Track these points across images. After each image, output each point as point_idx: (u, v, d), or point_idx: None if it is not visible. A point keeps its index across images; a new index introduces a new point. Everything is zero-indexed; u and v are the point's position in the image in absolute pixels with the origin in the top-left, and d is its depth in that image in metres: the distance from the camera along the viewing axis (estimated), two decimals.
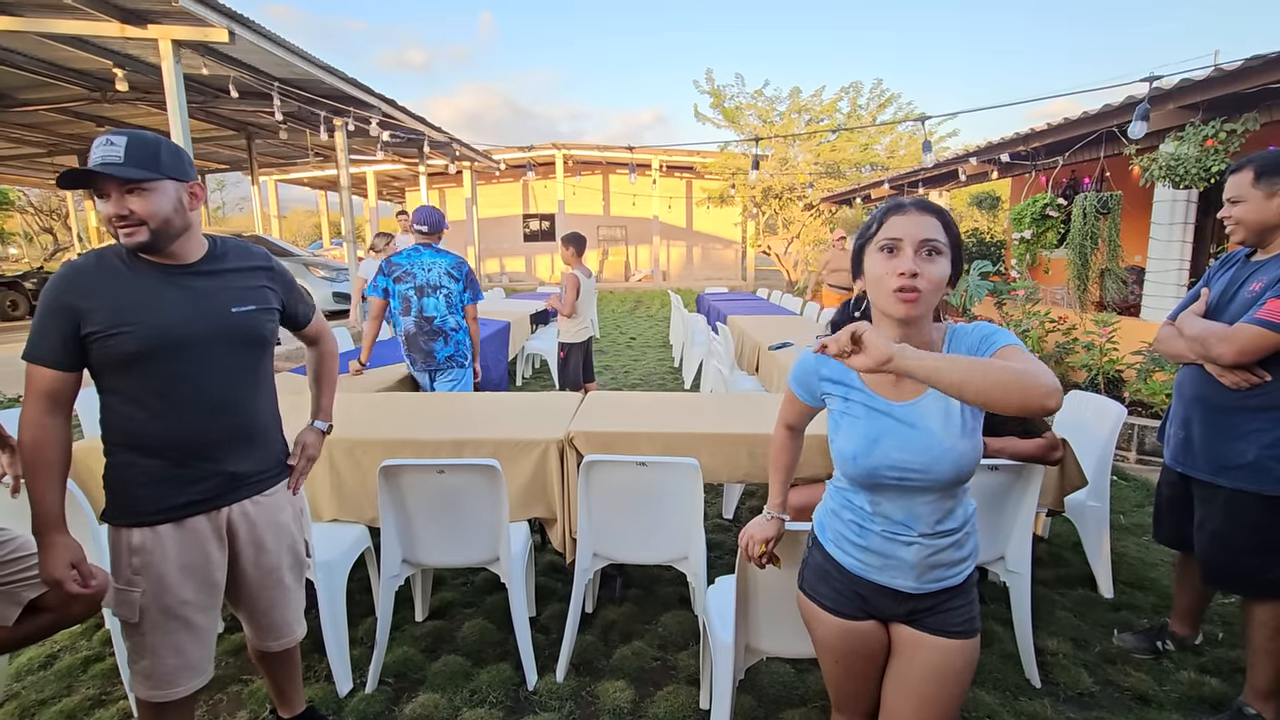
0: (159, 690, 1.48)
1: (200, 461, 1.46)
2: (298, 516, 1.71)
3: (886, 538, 1.22)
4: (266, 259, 1.63)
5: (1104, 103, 5.60)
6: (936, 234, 1.13)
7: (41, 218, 19.83)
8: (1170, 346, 2.01)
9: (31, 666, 2.25)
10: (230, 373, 1.49)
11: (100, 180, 1.33)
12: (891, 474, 1.17)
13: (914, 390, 1.18)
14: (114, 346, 1.36)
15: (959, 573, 1.23)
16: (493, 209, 20.31)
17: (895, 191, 11.32)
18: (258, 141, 11.94)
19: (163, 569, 1.44)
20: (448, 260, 3.52)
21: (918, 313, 1.13)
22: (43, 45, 6.39)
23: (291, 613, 1.70)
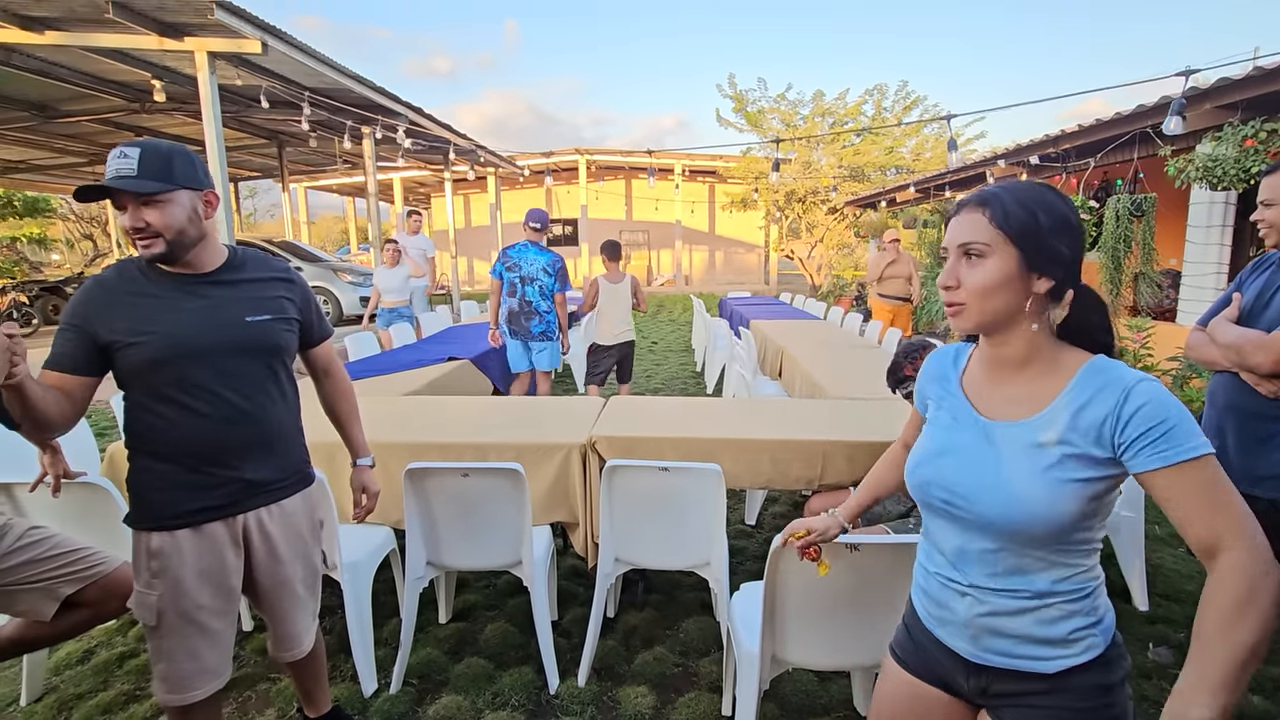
0: (175, 694, 1.49)
1: (217, 468, 1.47)
2: (315, 529, 1.70)
3: (942, 581, 1.05)
4: (286, 271, 1.63)
5: (1138, 103, 5.47)
6: (977, 234, 0.94)
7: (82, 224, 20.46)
8: (1202, 353, 1.95)
9: (70, 661, 2.31)
10: (247, 381, 1.50)
11: (116, 193, 1.34)
12: (939, 495, 1.01)
13: (1016, 408, 0.97)
14: (133, 355, 1.39)
15: (1047, 659, 0.96)
16: (516, 214, 20.45)
17: (920, 195, 11.17)
18: (288, 149, 12.20)
19: (180, 573, 1.45)
20: (546, 258, 4.45)
21: (965, 327, 0.97)
22: (85, 58, 6.60)
23: (302, 624, 1.69)
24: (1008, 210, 0.93)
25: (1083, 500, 0.91)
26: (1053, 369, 0.96)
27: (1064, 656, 0.96)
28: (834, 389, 3.48)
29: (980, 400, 1.03)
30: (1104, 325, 0.98)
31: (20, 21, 5.56)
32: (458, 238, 14.18)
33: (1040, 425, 0.94)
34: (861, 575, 1.57)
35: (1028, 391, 0.97)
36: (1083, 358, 0.96)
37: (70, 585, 1.69)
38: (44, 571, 1.66)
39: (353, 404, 1.85)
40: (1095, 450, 0.89)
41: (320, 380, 1.81)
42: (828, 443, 2.47)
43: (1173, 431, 0.85)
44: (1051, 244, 0.92)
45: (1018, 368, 0.98)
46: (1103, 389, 0.90)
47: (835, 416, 2.82)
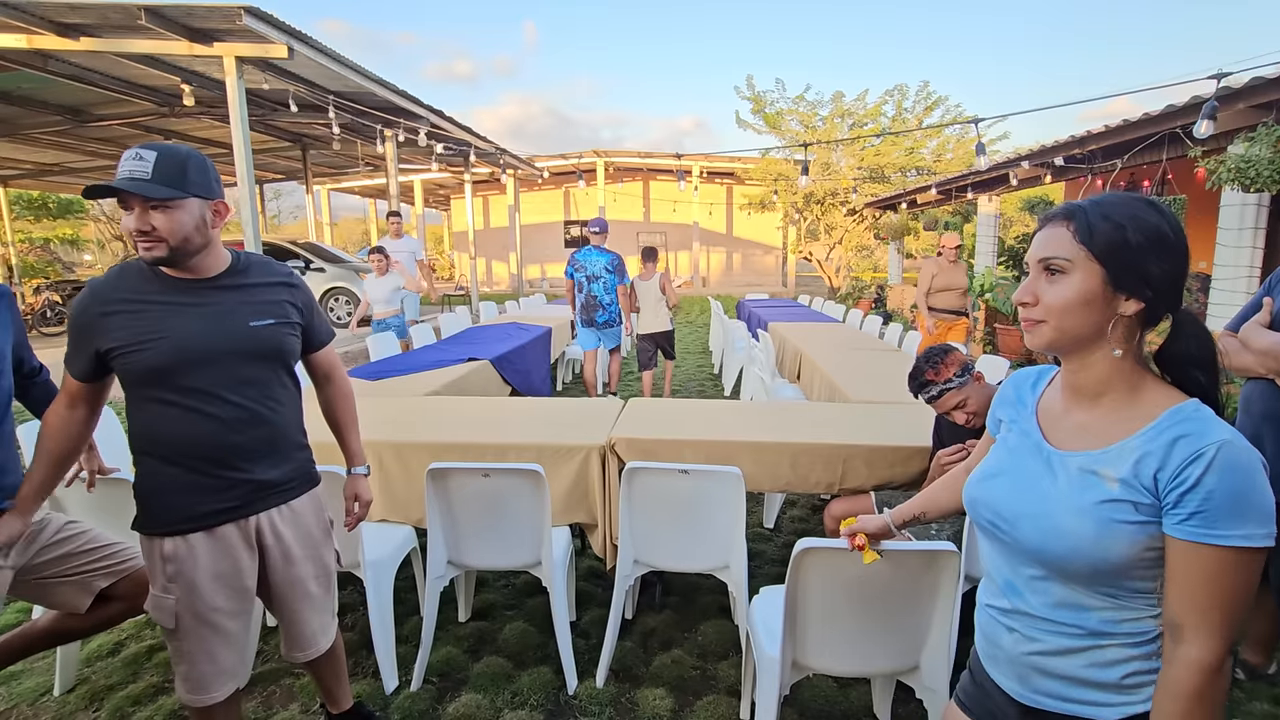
0: (196, 695, 1.51)
1: (227, 470, 1.47)
2: (326, 528, 1.70)
3: (992, 614, 1.01)
4: (289, 275, 1.62)
5: (1167, 103, 5.37)
6: (1058, 249, 0.87)
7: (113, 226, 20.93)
8: (1235, 360, 1.91)
9: (100, 653, 2.36)
10: (252, 385, 1.49)
11: (124, 194, 1.34)
12: (986, 515, 0.98)
13: (1084, 438, 0.91)
14: (136, 362, 1.39)
15: (1103, 705, 0.89)
16: (535, 216, 20.60)
17: (942, 197, 11.05)
18: (312, 152, 12.39)
19: (195, 576, 1.46)
20: (606, 258, 5.38)
21: (1040, 345, 0.90)
22: (117, 64, 6.76)
23: (317, 623, 1.69)
24: (1093, 224, 0.86)
25: (1136, 546, 0.84)
26: (1132, 402, 0.89)
27: (1123, 704, 0.88)
28: (854, 393, 3.46)
29: (1050, 426, 0.97)
30: (1203, 359, 0.89)
31: (57, 29, 5.72)
32: (477, 239, 14.30)
33: (1104, 460, 0.87)
34: (885, 580, 1.56)
35: (1101, 423, 0.90)
36: (1170, 399, 0.87)
37: (105, 579, 1.73)
38: (80, 565, 1.71)
39: (352, 411, 1.82)
40: (1151, 499, 0.83)
41: (321, 385, 1.78)
42: (848, 447, 2.45)
43: (1219, 510, 0.78)
44: (1141, 262, 0.84)
45: (1094, 396, 0.92)
46: (1178, 441, 0.81)
47: (856, 420, 2.80)
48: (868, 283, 14.80)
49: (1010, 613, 0.97)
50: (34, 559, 1.62)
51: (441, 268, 24.62)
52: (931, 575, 1.58)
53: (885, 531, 1.37)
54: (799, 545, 1.54)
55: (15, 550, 1.57)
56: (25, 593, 1.69)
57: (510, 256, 16.06)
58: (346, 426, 1.81)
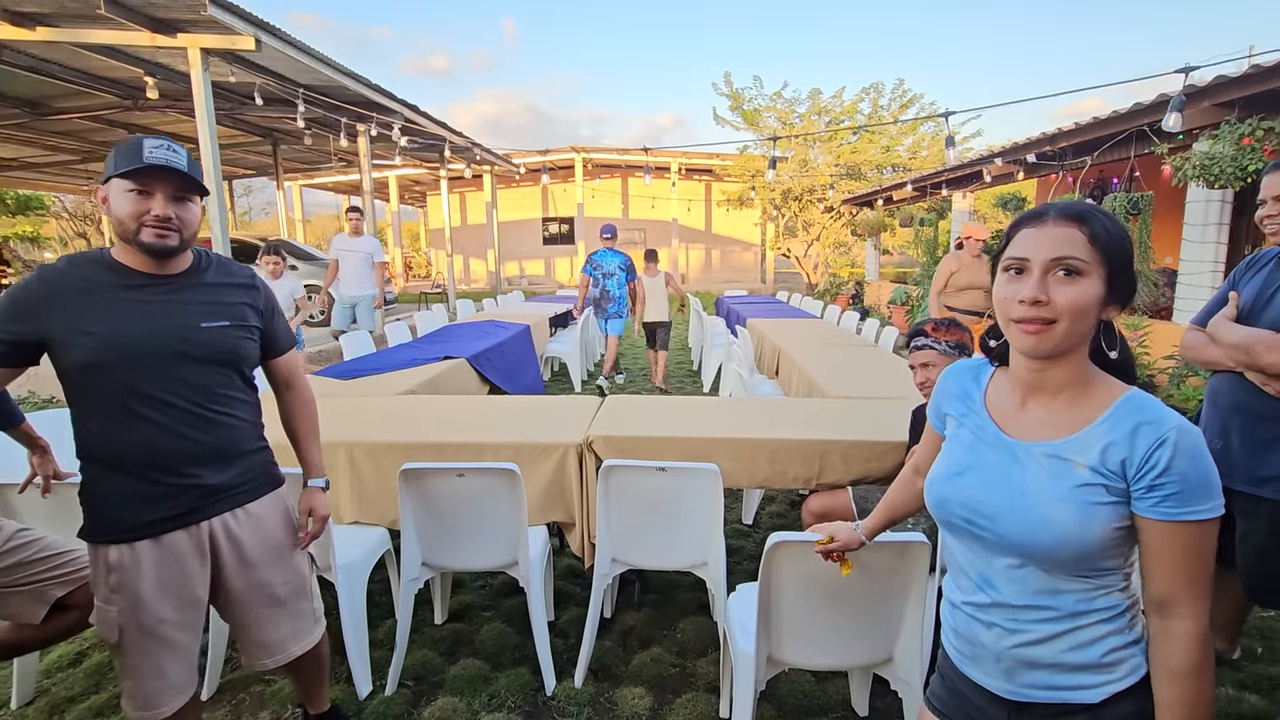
0: (143, 712, 1.44)
1: (173, 477, 1.42)
2: (292, 531, 1.64)
3: (969, 614, 1.01)
4: (250, 277, 1.58)
5: (1134, 101, 5.48)
6: (1075, 249, 0.86)
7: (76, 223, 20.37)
8: (1202, 353, 1.94)
9: (61, 664, 2.29)
10: (200, 389, 1.44)
11: (156, 178, 1.34)
12: (959, 512, 0.98)
13: (1046, 430, 0.93)
14: (71, 355, 1.34)
15: (1089, 687, 0.91)
16: (512, 213, 20.45)
17: (917, 194, 11.18)
18: (283, 147, 12.14)
19: (138, 587, 1.40)
20: (620, 258, 6.40)
21: (1047, 348, 0.89)
22: (77, 55, 6.55)
23: (287, 629, 1.62)
24: (1108, 231, 0.88)
25: (1109, 526, 0.87)
26: (1085, 394, 0.92)
27: (1106, 683, 0.91)
28: (831, 388, 3.47)
29: (1005, 420, 0.98)
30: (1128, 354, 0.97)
31: (11, 18, 5.51)
32: (454, 236, 14.14)
33: (1070, 448, 0.90)
34: (859, 575, 1.56)
35: (1059, 416, 0.93)
36: (1115, 388, 0.92)
37: (60, 588, 1.67)
38: (34, 574, 1.64)
39: (312, 420, 1.74)
40: (1120, 483, 0.87)
41: (280, 392, 1.71)
42: (825, 442, 2.46)
43: (1191, 490, 0.83)
44: (1130, 272, 0.89)
45: (1054, 392, 0.94)
46: (1139, 428, 0.86)
47: (833, 416, 2.81)
48: (845, 279, 14.95)
49: (988, 607, 0.97)
50: None
51: (418, 265, 24.34)
52: (904, 568, 1.59)
53: (855, 543, 1.37)
54: (771, 540, 1.54)
55: None
56: None
57: (488, 254, 15.92)
58: (305, 436, 1.73)
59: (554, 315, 7.69)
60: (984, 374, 1.06)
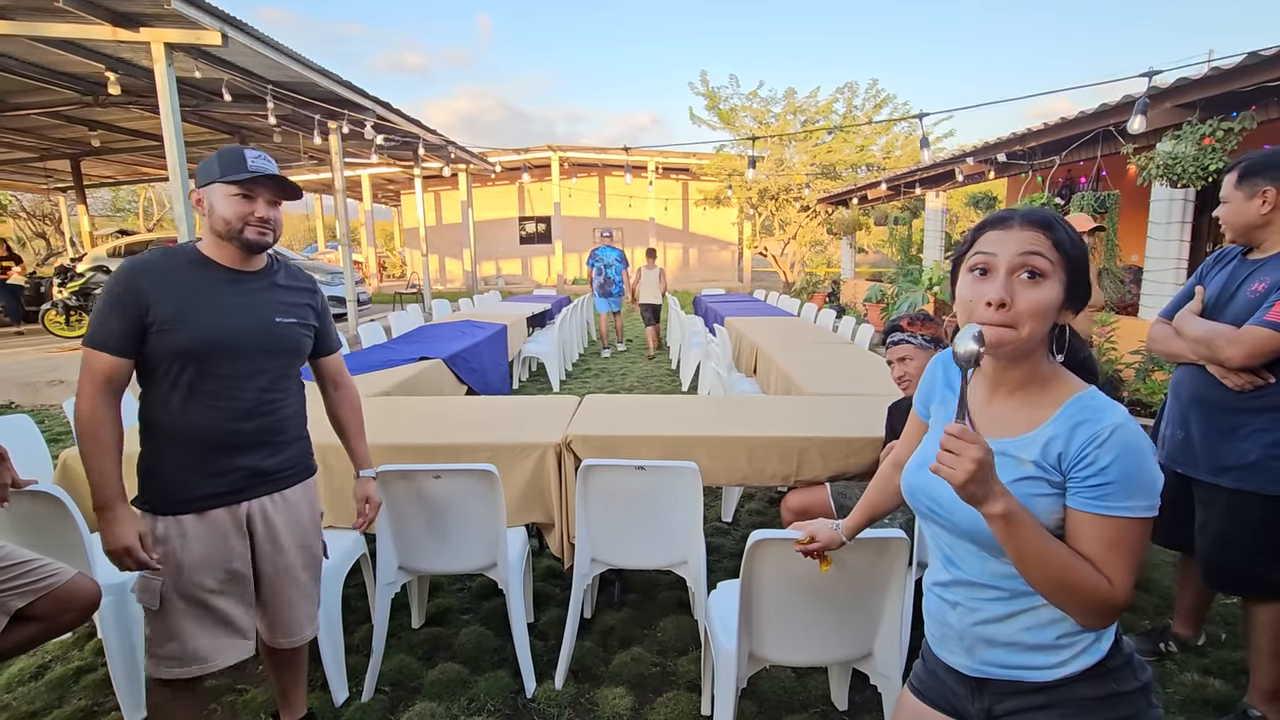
0: (185, 668, 1.53)
1: (224, 457, 1.53)
2: (316, 518, 1.76)
3: (938, 595, 1.07)
4: (311, 283, 1.75)
5: (1101, 101, 5.61)
6: (1040, 250, 0.90)
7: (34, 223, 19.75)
8: (1167, 346, 1.99)
9: (23, 677, 2.21)
10: (267, 377, 1.58)
11: (259, 184, 1.52)
12: (924, 501, 1.03)
13: (999, 427, 0.97)
14: (169, 340, 1.46)
15: (1042, 668, 0.96)
16: (489, 212, 20.28)
17: (891, 193, 11.32)
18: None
19: (182, 558, 1.51)
20: (616, 253, 8.43)
21: (1008, 351, 0.92)
22: (34, 49, 6.34)
23: (304, 611, 1.73)
24: (1070, 237, 0.92)
25: (1054, 517, 0.91)
26: (1042, 393, 0.95)
27: (1059, 665, 0.95)
28: (809, 385, 3.50)
29: (975, 414, 1.01)
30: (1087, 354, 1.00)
31: None
32: (429, 235, 13.98)
33: (1019, 446, 0.94)
34: (838, 571, 1.57)
35: (1017, 413, 0.97)
36: (1072, 387, 0.94)
37: (20, 598, 1.61)
38: None
39: (359, 416, 1.90)
40: (1058, 476, 0.91)
41: (328, 390, 1.86)
42: (803, 439, 2.47)
43: (1118, 485, 0.86)
44: (1086, 278, 0.93)
45: (1012, 389, 0.98)
46: (1079, 425, 0.89)
47: (810, 413, 2.83)
48: (822, 277, 15.07)
49: (952, 585, 1.03)
50: None
51: (392, 265, 24.04)
52: (883, 563, 1.60)
53: (836, 542, 1.39)
54: (752, 537, 1.54)
55: None
56: None
57: (464, 253, 15.77)
58: (353, 431, 1.88)
59: (531, 315, 7.64)
60: None
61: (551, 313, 8.50)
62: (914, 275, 9.77)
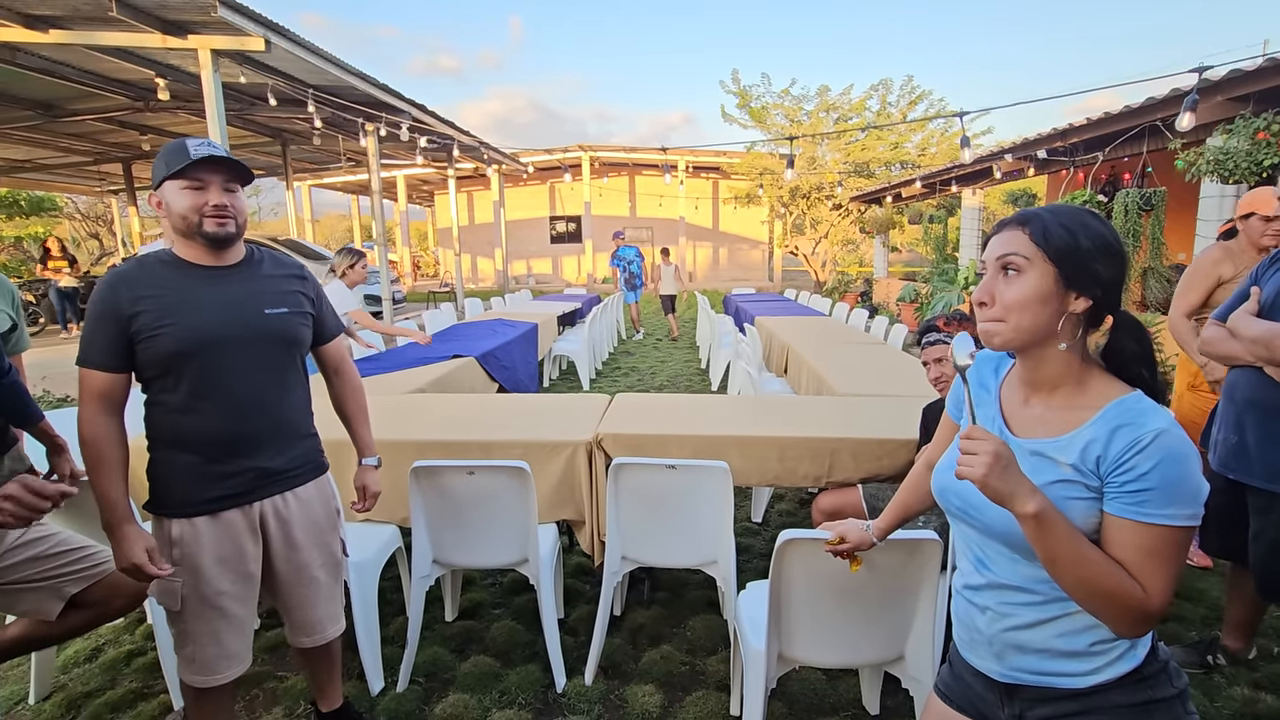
0: (201, 676, 1.55)
1: (232, 458, 1.52)
2: (333, 516, 1.74)
3: (967, 599, 1.06)
4: (300, 269, 1.69)
5: (1147, 96, 5.43)
6: (1015, 247, 0.93)
7: (88, 224, 20.55)
8: (1222, 348, 1.92)
9: (78, 659, 2.32)
10: (263, 372, 1.54)
11: (207, 171, 1.44)
12: (955, 501, 1.03)
13: (1037, 427, 0.97)
14: (156, 346, 1.43)
15: (1075, 674, 0.94)
16: (520, 211, 20.48)
17: (927, 191, 11.12)
18: (292, 147, 12.21)
19: (199, 560, 1.50)
20: (634, 250, 9.76)
21: (997, 343, 0.96)
22: (90, 57, 6.61)
23: (324, 610, 1.72)
24: (1048, 228, 0.93)
25: (1090, 521, 0.90)
26: (1081, 394, 0.95)
27: (1093, 672, 0.94)
28: (841, 386, 3.46)
29: (1011, 414, 1.02)
30: (1140, 353, 0.96)
31: (24, 20, 5.57)
32: (461, 235, 14.18)
33: (1056, 448, 0.93)
34: (869, 573, 1.56)
35: (1055, 414, 0.96)
36: (1115, 390, 0.93)
37: (75, 584, 1.69)
38: (48, 570, 1.66)
39: (361, 403, 1.87)
40: (1095, 481, 0.90)
41: (330, 377, 1.83)
42: (835, 440, 2.45)
43: (1157, 492, 0.84)
44: (1090, 263, 0.92)
45: (1048, 390, 0.98)
46: (1119, 429, 0.88)
47: (843, 413, 2.80)
48: (854, 277, 14.88)
49: (982, 589, 1.02)
50: (0, 562, 1.58)
51: (426, 264, 24.43)
52: (914, 565, 1.58)
53: (866, 543, 1.37)
54: (782, 537, 1.54)
55: None
56: None
57: (495, 252, 15.95)
58: (356, 417, 1.85)
59: (562, 314, 7.70)
60: (1004, 366, 1.09)
61: (582, 312, 8.52)
62: (949, 274, 9.59)
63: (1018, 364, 1.01)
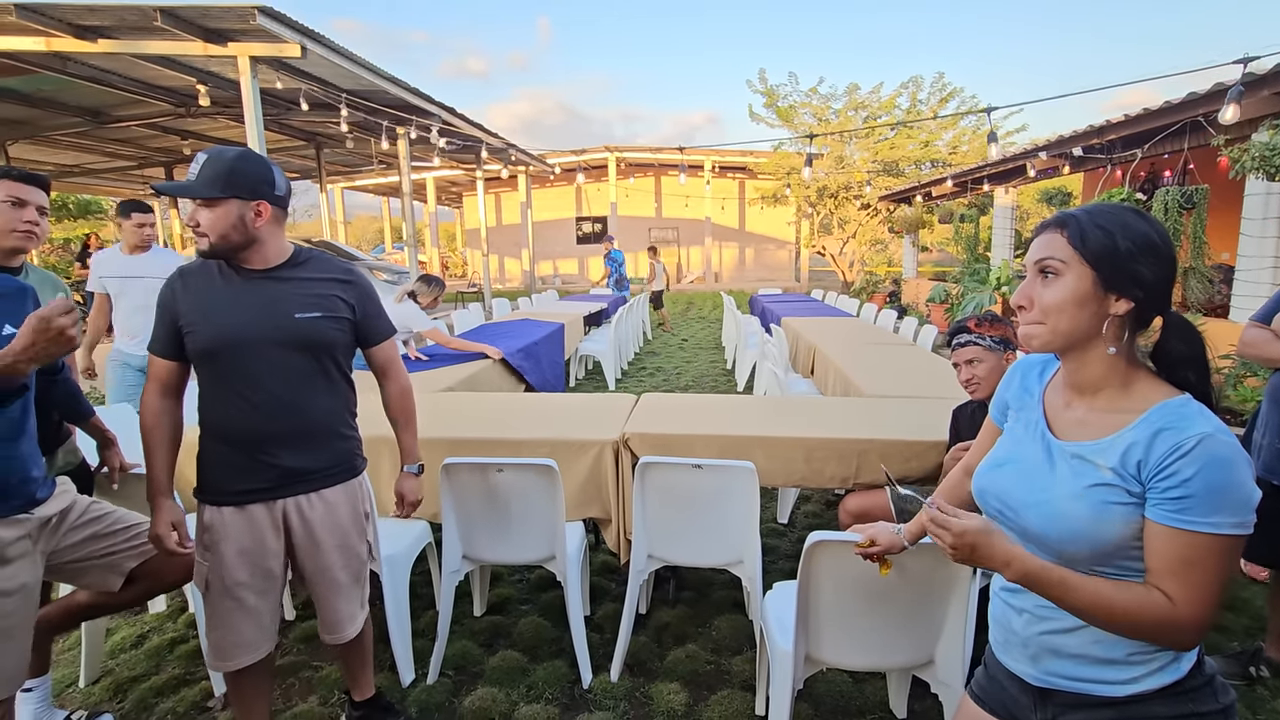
0: (218, 661, 1.62)
1: (258, 454, 1.56)
2: (359, 519, 1.74)
3: (1004, 599, 1.06)
4: (347, 273, 1.70)
5: (1189, 90, 5.27)
6: (1052, 251, 0.93)
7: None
8: (1265, 350, 1.87)
9: (124, 645, 2.41)
10: (292, 374, 1.57)
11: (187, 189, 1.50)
12: (994, 503, 1.03)
13: (1080, 429, 0.96)
14: (193, 341, 1.53)
15: (1112, 682, 0.93)
16: (547, 212, 20.63)
17: (958, 189, 10.93)
18: (325, 151, 12.48)
19: (222, 548, 1.56)
20: (620, 254, 10.85)
21: (1036, 345, 0.95)
22: (134, 65, 6.85)
23: (344, 610, 1.73)
24: (1085, 230, 0.92)
25: (1130, 527, 0.88)
26: (1125, 397, 0.93)
27: (1131, 681, 0.92)
28: (869, 387, 3.43)
29: (1054, 417, 1.02)
30: (1190, 357, 0.93)
31: (75, 30, 5.79)
32: (489, 236, 14.34)
33: (1097, 450, 0.92)
34: (899, 576, 1.55)
35: (1098, 417, 0.95)
36: (1161, 394, 0.91)
37: (133, 559, 1.76)
38: (108, 546, 1.73)
39: (405, 407, 1.86)
40: (1137, 486, 0.88)
41: (379, 380, 1.85)
42: (863, 441, 2.44)
43: (1200, 499, 0.82)
44: (1130, 265, 0.90)
45: (1092, 392, 0.96)
46: (1161, 433, 0.86)
47: (871, 415, 2.78)
48: (882, 277, 14.68)
49: (1020, 591, 1.00)
50: (62, 541, 1.65)
51: (454, 265, 24.72)
52: (946, 569, 1.57)
53: (897, 546, 1.36)
54: (810, 539, 1.54)
55: (45, 534, 1.60)
56: (57, 575, 1.72)
57: (523, 253, 16.09)
58: (399, 422, 1.88)
59: (588, 314, 7.74)
60: (1049, 369, 1.08)
61: (608, 312, 8.55)
62: (980, 274, 9.42)
63: (1061, 366, 1.01)
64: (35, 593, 1.56)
